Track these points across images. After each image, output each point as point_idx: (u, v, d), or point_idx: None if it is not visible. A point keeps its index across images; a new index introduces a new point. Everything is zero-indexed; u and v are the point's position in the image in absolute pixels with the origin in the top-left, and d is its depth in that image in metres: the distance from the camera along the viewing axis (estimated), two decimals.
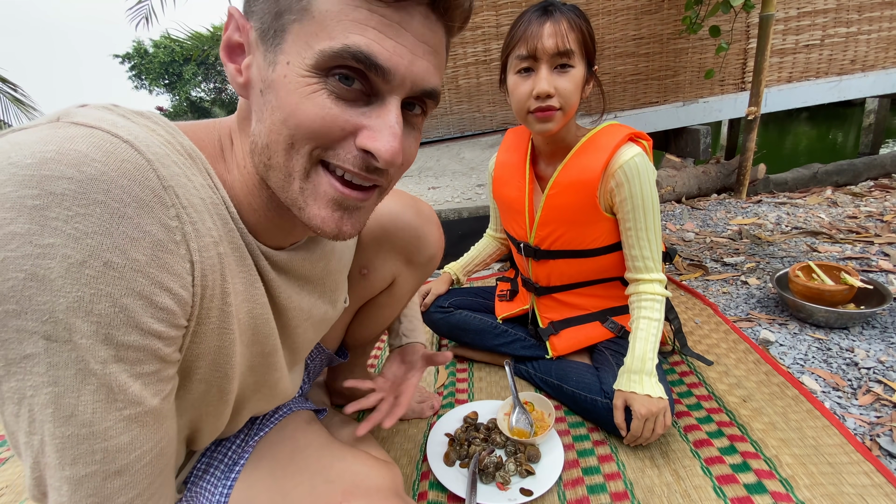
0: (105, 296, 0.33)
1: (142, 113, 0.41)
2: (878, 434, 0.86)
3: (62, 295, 0.32)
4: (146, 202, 0.35)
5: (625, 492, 0.79)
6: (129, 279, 0.34)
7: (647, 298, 0.91)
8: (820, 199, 2.18)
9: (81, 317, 0.32)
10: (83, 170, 0.32)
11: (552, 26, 0.82)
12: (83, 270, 0.32)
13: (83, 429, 0.35)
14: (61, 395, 0.33)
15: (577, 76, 0.85)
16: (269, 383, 0.60)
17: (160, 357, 0.38)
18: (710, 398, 0.99)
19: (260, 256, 0.49)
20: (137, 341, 0.35)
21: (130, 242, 0.34)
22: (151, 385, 0.38)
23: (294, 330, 0.59)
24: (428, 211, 0.78)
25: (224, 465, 0.64)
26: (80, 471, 0.35)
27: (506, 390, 1.09)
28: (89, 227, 0.32)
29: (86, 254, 0.32)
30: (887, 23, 3.04)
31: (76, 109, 0.37)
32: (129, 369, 0.36)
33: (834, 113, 6.51)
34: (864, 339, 1.13)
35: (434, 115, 3.41)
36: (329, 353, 0.88)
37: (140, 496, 0.39)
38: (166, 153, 0.38)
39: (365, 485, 0.60)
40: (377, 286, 0.80)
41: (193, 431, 0.57)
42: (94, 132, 0.34)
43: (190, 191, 0.39)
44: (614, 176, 0.88)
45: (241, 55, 0.42)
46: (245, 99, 0.44)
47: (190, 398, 0.49)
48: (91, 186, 0.32)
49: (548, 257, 1.01)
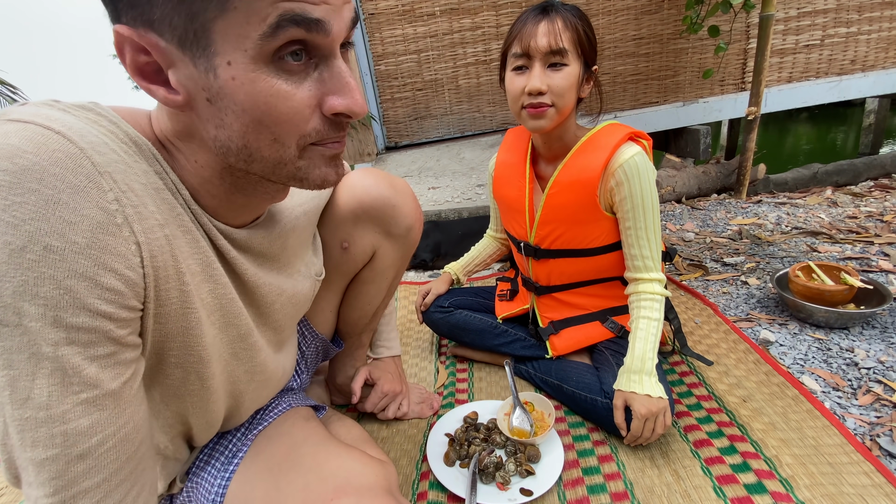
0: (48, 278, 0.34)
1: (83, 105, 0.42)
2: (878, 434, 0.86)
3: (7, 280, 0.33)
4: (81, 187, 0.36)
5: (625, 492, 0.79)
6: (70, 261, 0.35)
7: (647, 298, 0.91)
8: (820, 199, 2.18)
9: (28, 300, 0.34)
10: (16, 161, 0.33)
11: (547, 25, 0.84)
12: (24, 255, 0.33)
13: (40, 412, 0.36)
14: (16, 379, 0.35)
15: (571, 74, 0.86)
16: (259, 368, 0.61)
17: (113, 339, 0.39)
18: (710, 398, 0.99)
19: (218, 236, 0.50)
20: (87, 323, 0.36)
21: (68, 226, 0.35)
22: (109, 368, 0.39)
23: (270, 307, 0.61)
24: (401, 184, 0.81)
25: (224, 457, 0.65)
26: (40, 454, 0.36)
27: (506, 390, 1.09)
28: (26, 214, 0.33)
29: (25, 239, 0.33)
30: (887, 23, 3.04)
31: (16, 108, 0.38)
32: (82, 352, 0.36)
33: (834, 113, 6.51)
34: (864, 340, 1.13)
35: (434, 115, 3.41)
36: (323, 339, 0.89)
37: (107, 481, 0.40)
38: (103, 141, 0.39)
39: (357, 482, 0.60)
40: (359, 259, 0.82)
41: (186, 427, 0.58)
42: (28, 126, 0.35)
43: (130, 176, 0.40)
44: (614, 175, 0.89)
45: (159, 73, 0.39)
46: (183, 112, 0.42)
47: (170, 384, 0.50)
48: (24, 176, 0.33)
49: (548, 256, 1.02)
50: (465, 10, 3.12)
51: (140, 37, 0.37)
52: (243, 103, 0.39)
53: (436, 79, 3.30)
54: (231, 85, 0.38)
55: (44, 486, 0.37)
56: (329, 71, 0.41)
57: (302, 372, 0.87)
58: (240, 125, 0.40)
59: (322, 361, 0.96)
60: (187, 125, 0.43)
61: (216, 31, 0.36)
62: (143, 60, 0.38)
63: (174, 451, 0.59)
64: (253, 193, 0.49)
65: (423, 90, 3.34)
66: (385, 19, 3.16)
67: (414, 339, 1.38)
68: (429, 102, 3.37)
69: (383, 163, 3.12)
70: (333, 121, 0.43)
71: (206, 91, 0.39)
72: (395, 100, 3.37)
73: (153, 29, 0.37)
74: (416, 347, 1.33)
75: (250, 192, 0.49)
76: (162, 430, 0.55)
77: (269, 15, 0.36)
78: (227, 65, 0.37)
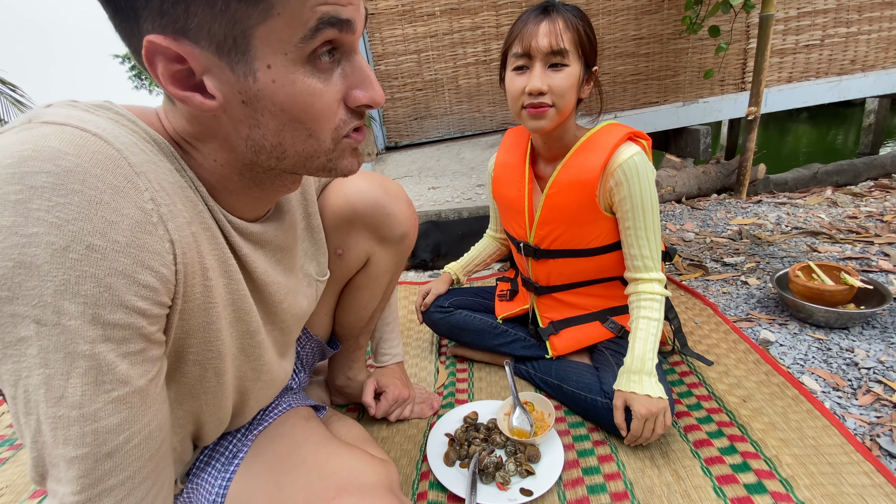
0: (90, 277, 0.35)
1: (101, 105, 0.43)
2: (878, 434, 0.86)
3: (49, 279, 0.34)
4: (121, 188, 0.37)
5: (625, 492, 0.79)
6: (111, 259, 0.35)
7: (647, 298, 0.91)
8: (820, 199, 2.18)
9: (69, 298, 0.34)
10: (59, 163, 0.34)
11: (548, 25, 0.84)
12: (67, 255, 0.34)
13: (73, 411, 0.36)
14: (52, 377, 0.35)
15: (572, 75, 0.86)
16: (265, 367, 0.62)
17: (144, 336, 0.39)
18: (710, 398, 0.99)
19: (232, 233, 0.51)
20: (123, 319, 0.37)
21: (110, 225, 0.35)
22: (138, 365, 0.39)
23: (278, 306, 0.61)
24: (396, 189, 0.80)
25: (224, 457, 0.65)
26: (71, 451, 0.37)
27: (506, 390, 1.09)
28: (70, 215, 0.34)
29: (69, 239, 0.34)
30: (887, 23, 3.04)
31: (44, 110, 0.39)
32: (115, 348, 0.37)
33: (834, 113, 6.51)
34: (864, 340, 1.13)
35: (434, 115, 3.41)
36: (318, 341, 0.89)
37: (131, 479, 0.40)
38: (133, 141, 0.40)
39: (359, 481, 0.60)
40: (353, 266, 0.82)
41: (197, 427, 0.58)
42: (65, 129, 0.36)
43: (160, 175, 0.41)
44: (613, 175, 0.89)
45: (190, 79, 0.40)
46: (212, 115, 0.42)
47: (187, 382, 0.51)
48: (68, 178, 0.34)
49: (547, 256, 1.02)
50: (465, 10, 3.13)
51: (177, 45, 0.37)
52: (282, 103, 0.41)
53: (436, 79, 3.30)
54: (271, 87, 0.40)
55: (71, 484, 0.37)
56: (351, 66, 0.44)
57: (300, 371, 0.87)
58: (276, 124, 0.42)
59: (319, 361, 0.96)
60: (210, 127, 0.44)
61: (257, 36, 0.38)
62: (177, 69, 0.39)
63: (182, 450, 0.60)
64: (270, 187, 0.51)
65: (423, 90, 3.34)
66: (385, 19, 3.16)
67: (414, 339, 1.38)
68: (429, 102, 3.37)
69: (383, 163, 3.12)
70: (355, 111, 0.45)
71: (242, 94, 0.40)
72: (395, 100, 3.37)
73: (187, 37, 0.37)
74: (416, 347, 1.33)
75: (268, 186, 0.51)
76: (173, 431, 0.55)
77: (310, 19, 0.38)
78: (267, 68, 0.39)
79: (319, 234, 0.74)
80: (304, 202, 0.70)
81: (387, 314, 1.00)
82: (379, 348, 1.01)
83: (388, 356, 1.01)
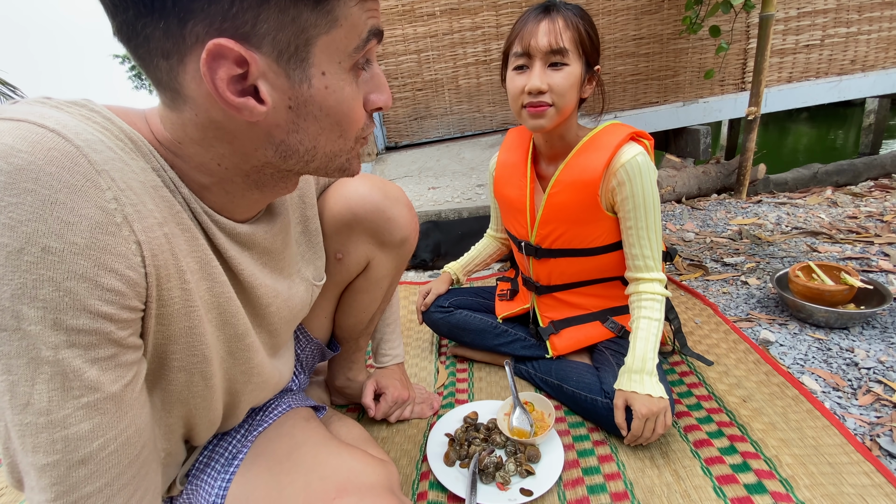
0: (47, 280, 0.33)
1: (76, 102, 0.41)
2: (878, 434, 0.86)
3: (5, 283, 0.33)
4: (78, 187, 0.35)
5: (625, 492, 0.79)
6: (69, 262, 0.34)
7: (648, 298, 0.91)
8: (820, 199, 2.18)
9: (27, 303, 0.33)
10: (10, 161, 0.33)
11: (548, 24, 0.84)
12: (22, 257, 0.33)
13: (41, 417, 0.35)
14: (16, 384, 0.34)
15: (572, 74, 0.86)
16: (256, 370, 0.61)
17: (114, 341, 0.38)
18: (710, 398, 0.99)
19: (217, 234, 0.49)
20: (87, 325, 0.36)
21: (66, 227, 0.34)
22: (109, 371, 0.38)
23: (266, 309, 0.60)
24: (396, 192, 0.80)
25: (224, 458, 0.65)
26: (41, 459, 0.36)
27: (506, 390, 1.09)
28: (23, 216, 0.33)
29: (23, 241, 0.33)
30: (887, 23, 3.04)
31: (8, 106, 0.38)
32: (83, 354, 0.36)
33: (834, 113, 6.50)
34: (864, 340, 1.13)
35: (434, 115, 3.41)
36: (318, 343, 0.89)
37: (109, 486, 0.39)
38: (99, 139, 0.38)
39: (359, 481, 0.60)
40: (353, 270, 0.82)
41: (189, 429, 0.57)
42: (21, 125, 0.35)
43: (127, 174, 0.39)
44: (616, 175, 0.89)
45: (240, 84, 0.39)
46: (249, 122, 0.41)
47: (175, 390, 0.50)
48: (19, 176, 0.33)
49: (549, 256, 1.02)
50: (465, 10, 3.13)
51: (244, 49, 0.36)
52: (330, 108, 0.43)
53: (436, 79, 3.30)
54: (322, 93, 0.41)
55: (45, 492, 0.37)
56: (370, 72, 0.46)
57: (299, 373, 0.87)
58: (317, 127, 0.43)
59: (319, 362, 0.96)
60: (231, 132, 0.42)
61: (318, 45, 0.39)
62: (237, 72, 0.38)
63: (175, 452, 0.59)
64: (272, 189, 0.51)
65: (423, 90, 3.34)
66: (385, 19, 3.16)
67: (414, 339, 1.38)
68: (429, 102, 3.37)
69: (383, 163, 3.12)
70: (369, 115, 0.48)
71: (291, 100, 0.41)
72: (395, 100, 3.37)
73: (249, 42, 0.37)
74: (416, 347, 1.33)
75: (269, 188, 0.51)
76: (164, 437, 0.55)
77: (363, 30, 0.41)
78: (322, 75, 0.41)
79: (317, 238, 0.73)
80: (301, 205, 0.69)
81: (387, 315, 1.00)
82: (379, 349, 1.01)
83: (389, 357, 1.00)
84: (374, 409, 0.95)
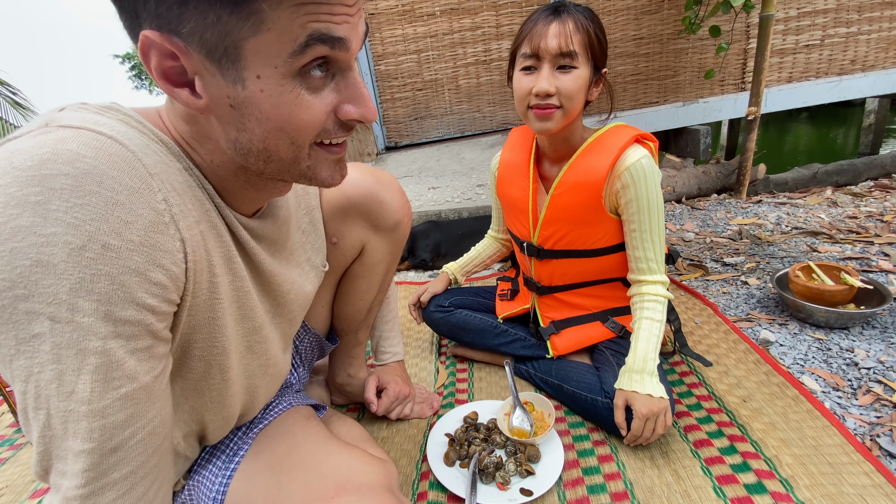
0: (104, 275, 0.36)
1: (110, 107, 0.44)
2: (878, 434, 0.86)
3: (65, 277, 0.35)
4: (136, 189, 0.38)
5: (625, 492, 0.79)
6: (125, 258, 0.37)
7: (650, 299, 0.91)
8: (820, 200, 2.18)
9: (83, 296, 0.35)
10: (77, 166, 0.35)
11: (558, 26, 0.83)
12: (83, 254, 0.35)
13: (83, 406, 0.37)
14: (63, 373, 0.36)
15: (580, 77, 0.85)
16: (272, 361, 0.64)
17: (152, 332, 0.40)
18: (710, 398, 0.99)
19: (239, 228, 0.53)
20: (133, 316, 0.38)
21: (125, 225, 0.37)
22: (145, 361, 0.40)
23: (286, 297, 0.63)
24: (388, 178, 0.82)
25: (225, 455, 0.66)
26: (79, 445, 0.38)
27: (506, 390, 1.09)
28: (87, 215, 0.35)
29: (85, 238, 0.35)
30: (887, 23, 3.04)
31: (59, 114, 0.40)
32: (125, 345, 0.38)
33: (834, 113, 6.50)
34: (864, 340, 1.13)
35: (434, 115, 3.41)
36: (317, 335, 0.90)
37: (134, 473, 0.41)
38: (145, 143, 0.42)
39: (358, 480, 0.61)
40: (348, 254, 0.84)
41: (202, 426, 0.59)
42: (81, 132, 0.37)
43: (171, 176, 0.43)
44: (621, 178, 0.88)
45: (182, 76, 0.41)
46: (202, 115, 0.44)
47: (192, 378, 0.52)
48: (85, 179, 0.35)
49: (551, 257, 1.02)
50: (465, 10, 3.13)
51: (170, 43, 0.38)
52: (268, 112, 0.41)
53: (436, 79, 3.30)
54: (259, 96, 0.40)
55: (76, 477, 0.38)
56: (345, 81, 0.44)
57: (298, 366, 0.88)
58: (261, 130, 0.43)
59: (318, 358, 0.96)
60: (204, 128, 0.45)
61: (248, 48, 0.38)
62: (169, 65, 0.40)
63: (185, 448, 0.60)
64: (264, 188, 0.52)
65: (423, 90, 3.34)
66: (385, 19, 3.16)
67: (414, 339, 1.38)
68: (429, 102, 3.37)
69: (383, 163, 3.12)
70: (344, 124, 0.46)
71: (230, 98, 0.41)
72: (395, 100, 3.37)
73: (181, 38, 0.38)
74: (416, 347, 1.33)
75: (261, 188, 0.52)
76: (177, 426, 0.56)
77: (299, 35, 0.38)
78: (257, 78, 0.40)
79: (321, 226, 0.76)
80: (306, 196, 0.72)
81: (386, 312, 1.00)
82: (379, 346, 1.01)
83: (389, 354, 1.01)
84: (375, 404, 0.96)
